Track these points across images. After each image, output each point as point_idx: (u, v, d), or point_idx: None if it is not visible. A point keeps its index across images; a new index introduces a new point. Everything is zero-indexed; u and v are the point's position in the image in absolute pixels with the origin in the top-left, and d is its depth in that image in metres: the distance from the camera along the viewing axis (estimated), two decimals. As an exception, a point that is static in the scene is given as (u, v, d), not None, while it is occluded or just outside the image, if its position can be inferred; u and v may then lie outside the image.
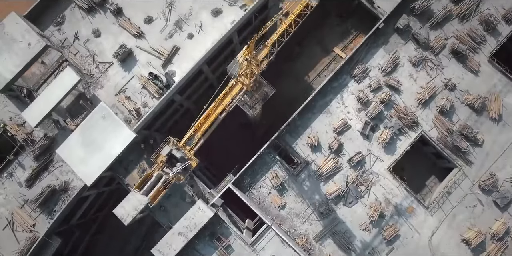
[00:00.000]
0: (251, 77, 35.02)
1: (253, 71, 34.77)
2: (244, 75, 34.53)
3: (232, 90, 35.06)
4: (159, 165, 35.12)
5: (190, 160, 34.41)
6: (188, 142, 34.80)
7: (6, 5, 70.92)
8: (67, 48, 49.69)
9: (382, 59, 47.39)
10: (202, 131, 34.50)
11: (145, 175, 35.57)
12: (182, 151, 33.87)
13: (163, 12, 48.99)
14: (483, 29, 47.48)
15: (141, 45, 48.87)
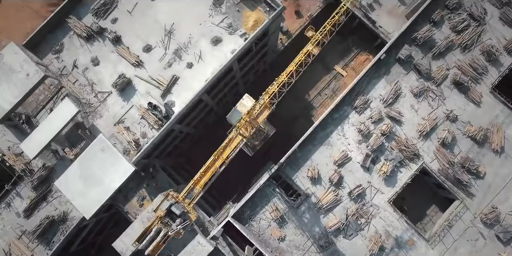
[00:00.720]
0: (251, 129, 34.43)
1: (254, 124, 34.17)
2: (244, 128, 33.92)
3: (232, 143, 34.48)
4: (158, 219, 34.51)
5: (189, 213, 33.84)
6: (187, 195, 34.25)
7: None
8: (65, 77, 49.19)
9: (384, 90, 46.79)
10: (202, 184, 33.96)
11: (144, 229, 35.01)
12: (182, 205, 33.34)
13: (162, 41, 48.39)
14: (485, 60, 46.86)
15: (140, 74, 48.30)
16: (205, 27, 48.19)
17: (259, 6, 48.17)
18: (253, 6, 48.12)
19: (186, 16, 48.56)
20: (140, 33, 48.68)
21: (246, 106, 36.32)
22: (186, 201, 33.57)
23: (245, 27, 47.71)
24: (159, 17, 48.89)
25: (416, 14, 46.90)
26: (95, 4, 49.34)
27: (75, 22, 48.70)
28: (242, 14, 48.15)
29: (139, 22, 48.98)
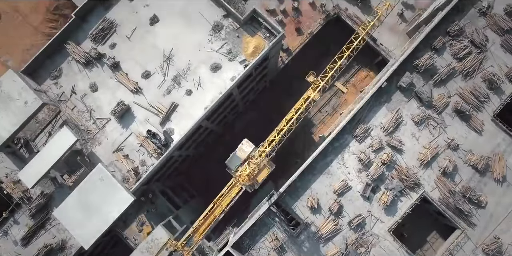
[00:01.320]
0: (250, 178, 33.87)
1: (254, 172, 33.65)
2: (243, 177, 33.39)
3: (231, 191, 33.97)
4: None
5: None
6: (187, 243, 33.80)
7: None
8: (64, 103, 48.75)
9: (384, 118, 46.23)
10: (201, 232, 33.50)
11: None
12: (181, 254, 32.92)
13: (161, 67, 47.86)
14: (487, 87, 46.27)
15: (139, 101, 47.81)
16: (205, 53, 47.69)
17: (259, 31, 47.59)
18: (253, 32, 47.55)
19: (185, 41, 48.01)
20: (138, 59, 48.13)
21: (246, 151, 35.91)
22: (185, 249, 33.15)
23: (245, 53, 47.14)
24: (158, 42, 48.35)
25: (417, 42, 46.11)
26: (94, 30, 48.81)
27: (73, 47, 48.15)
28: (242, 40, 47.58)
29: (138, 48, 48.44)
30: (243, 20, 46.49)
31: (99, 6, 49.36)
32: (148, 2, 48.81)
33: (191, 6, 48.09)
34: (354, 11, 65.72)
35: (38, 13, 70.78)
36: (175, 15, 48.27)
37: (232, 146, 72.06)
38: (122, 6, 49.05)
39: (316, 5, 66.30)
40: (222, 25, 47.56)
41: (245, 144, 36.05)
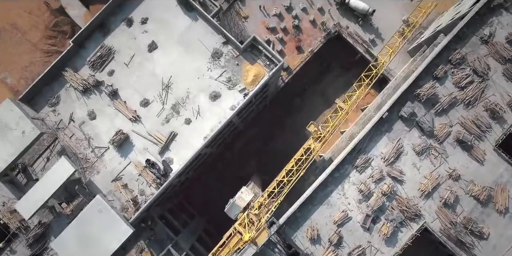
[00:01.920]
0: (249, 228, 33.31)
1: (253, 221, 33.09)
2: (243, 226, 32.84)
3: (230, 242, 33.41)
4: None
5: None
6: None
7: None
8: (62, 131, 48.15)
9: (385, 148, 45.60)
10: None
11: None
12: None
13: (159, 95, 47.22)
14: (489, 116, 45.58)
15: (137, 129, 47.21)
16: (204, 81, 47.04)
17: (259, 59, 46.86)
18: (253, 60, 46.86)
19: (184, 69, 47.37)
20: (137, 87, 47.50)
21: (245, 200, 35.26)
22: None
23: (245, 81, 46.47)
24: (157, 69, 47.69)
25: (419, 71, 45.38)
26: (92, 56, 48.13)
27: (71, 75, 47.52)
28: (242, 68, 46.91)
29: (136, 75, 47.81)
30: (242, 47, 45.74)
31: (97, 32, 48.60)
32: (146, 28, 48.12)
33: (190, 32, 47.41)
34: (355, 29, 65.03)
35: (37, 30, 70.15)
36: (173, 41, 47.56)
37: (231, 163, 71.85)
38: (120, 32, 48.36)
39: (317, 23, 65.59)
40: (222, 53, 46.85)
41: (244, 193, 35.41)
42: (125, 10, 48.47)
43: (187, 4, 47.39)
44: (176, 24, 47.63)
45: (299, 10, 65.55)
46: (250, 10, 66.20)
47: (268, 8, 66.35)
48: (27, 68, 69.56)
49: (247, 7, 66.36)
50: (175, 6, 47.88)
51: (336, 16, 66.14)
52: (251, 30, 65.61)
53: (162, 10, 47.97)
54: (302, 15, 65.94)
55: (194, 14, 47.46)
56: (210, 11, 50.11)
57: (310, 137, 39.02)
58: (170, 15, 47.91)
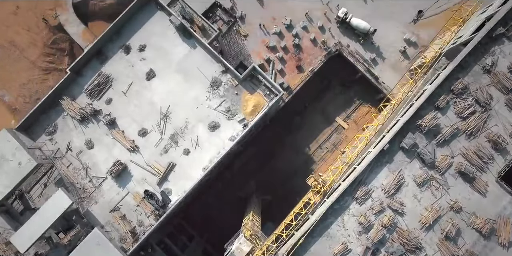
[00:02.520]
0: None
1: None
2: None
3: None
4: None
5: None
6: None
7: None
8: (59, 160, 47.41)
9: (386, 179, 44.85)
10: None
11: None
12: None
13: (158, 124, 46.47)
14: (491, 147, 44.74)
15: (135, 160, 46.49)
16: (202, 111, 46.25)
17: (258, 89, 46.01)
18: (253, 89, 46.05)
19: (183, 98, 46.59)
20: (135, 116, 46.74)
21: (244, 251, 34.50)
22: None
23: (244, 111, 45.66)
24: (155, 98, 46.92)
25: (420, 102, 44.54)
26: (89, 85, 47.33)
27: (68, 104, 46.78)
28: (241, 97, 46.10)
29: (134, 104, 47.03)
30: (242, 77, 44.93)
31: (94, 59, 47.78)
32: (144, 55, 47.28)
33: (188, 60, 46.58)
34: (356, 48, 64.15)
35: (35, 47, 69.30)
36: (172, 70, 46.75)
37: (231, 183, 71.07)
38: (118, 60, 47.55)
39: (318, 42, 64.69)
40: (221, 81, 46.03)
41: (243, 244, 34.69)
42: (122, 37, 47.61)
43: (185, 31, 46.49)
44: (174, 51, 46.75)
45: (300, 29, 64.64)
46: (250, 28, 65.31)
47: (268, 26, 65.46)
48: (25, 86, 68.81)
49: (247, 25, 65.47)
50: (173, 33, 47.02)
51: (337, 34, 65.26)
52: (251, 49, 64.86)
53: (160, 37, 47.08)
54: (303, 33, 65.03)
55: (192, 41, 46.59)
56: (209, 35, 49.27)
57: (310, 190, 37.88)
58: (168, 42, 47.03)
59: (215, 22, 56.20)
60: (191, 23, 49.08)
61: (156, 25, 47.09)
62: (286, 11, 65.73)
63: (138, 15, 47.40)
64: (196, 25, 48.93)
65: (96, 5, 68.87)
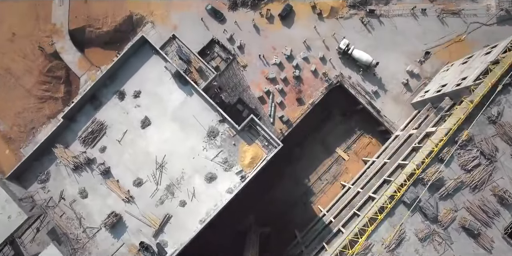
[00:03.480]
0: None
1: None
2: None
3: None
4: None
5: None
6: None
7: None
8: (52, 209, 45.79)
9: (386, 233, 43.29)
10: None
11: None
12: None
13: (153, 174, 44.74)
14: (497, 201, 43.08)
15: (130, 210, 44.87)
16: (199, 161, 44.44)
17: (256, 139, 44.19)
18: (251, 140, 44.20)
19: (179, 148, 44.77)
20: (130, 165, 45.01)
21: None
22: None
23: (242, 163, 43.90)
24: (150, 147, 45.13)
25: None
26: (83, 132, 45.53)
27: (61, 152, 45.01)
28: (239, 148, 44.29)
29: (129, 152, 45.26)
30: (240, 128, 43.10)
31: (88, 105, 45.99)
32: (139, 102, 45.43)
33: (184, 108, 44.73)
34: (358, 80, 62.33)
35: (31, 75, 67.44)
36: (167, 118, 44.90)
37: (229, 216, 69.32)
38: (112, 106, 45.72)
39: (318, 73, 62.83)
40: (218, 131, 44.22)
41: None
42: (117, 82, 45.74)
43: (181, 77, 44.55)
44: (170, 98, 44.93)
45: (300, 59, 62.76)
46: (249, 58, 63.46)
47: (268, 57, 63.60)
48: (20, 115, 67.02)
49: (246, 55, 63.61)
50: (169, 79, 45.08)
51: (338, 65, 63.42)
52: (250, 80, 63.08)
53: (156, 83, 45.20)
54: (303, 64, 63.16)
55: (188, 88, 44.70)
56: (206, 77, 47.42)
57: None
58: (164, 88, 45.16)
59: (213, 59, 54.27)
60: (188, 63, 47.18)
61: (151, 70, 45.20)
62: (286, 41, 63.80)
63: (133, 59, 45.51)
64: (193, 66, 47.02)
65: (92, 32, 66.81)
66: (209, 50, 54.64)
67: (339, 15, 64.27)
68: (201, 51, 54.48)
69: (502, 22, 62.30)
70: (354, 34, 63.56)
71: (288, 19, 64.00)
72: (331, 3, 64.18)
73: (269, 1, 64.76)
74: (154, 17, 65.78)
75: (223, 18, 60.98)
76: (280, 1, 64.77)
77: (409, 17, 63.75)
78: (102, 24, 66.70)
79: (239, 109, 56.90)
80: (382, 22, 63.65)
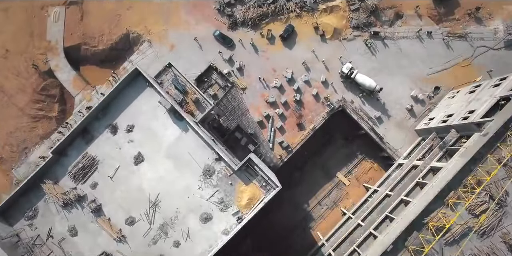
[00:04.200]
0: None
1: None
2: None
3: None
4: None
5: None
6: None
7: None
8: (39, 247, 43.34)
9: (389, 282, 40.85)
10: None
11: None
12: None
13: (146, 213, 42.35)
14: (507, 249, 40.59)
15: (122, 250, 42.54)
16: (194, 201, 41.99)
17: (254, 179, 41.68)
18: (248, 180, 41.71)
19: (173, 186, 42.33)
20: (122, 203, 42.55)
21: None
22: None
23: (238, 204, 41.44)
24: (143, 185, 42.69)
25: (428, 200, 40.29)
26: (73, 167, 43.02)
27: (50, 188, 42.53)
28: (235, 188, 41.80)
29: (121, 190, 42.83)
30: (237, 168, 40.59)
31: (79, 138, 43.43)
32: (132, 137, 42.88)
33: (179, 145, 42.24)
34: (360, 104, 59.72)
35: (24, 93, 64.82)
36: (161, 154, 42.40)
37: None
38: (105, 140, 43.19)
39: (320, 97, 60.19)
40: (214, 170, 41.71)
41: None
42: (109, 115, 43.21)
43: (176, 111, 41.97)
44: (165, 134, 42.43)
45: (301, 83, 60.14)
46: (249, 81, 60.86)
47: (268, 79, 60.97)
48: (13, 134, 64.44)
49: (245, 77, 60.95)
50: (163, 113, 42.48)
51: (340, 89, 60.86)
52: (249, 103, 60.51)
53: (150, 118, 42.67)
54: (305, 87, 60.57)
55: (184, 123, 42.07)
56: (203, 108, 44.89)
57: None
58: (158, 123, 42.62)
59: (210, 86, 51.59)
60: (185, 94, 44.60)
61: (145, 103, 42.67)
62: (287, 63, 61.18)
63: (126, 91, 42.96)
64: (189, 97, 44.44)
65: (88, 50, 64.12)
66: (207, 77, 51.93)
67: (343, 36, 61.48)
68: (198, 78, 51.74)
69: (510, 46, 59.62)
70: (357, 56, 60.86)
71: (290, 40, 61.24)
72: (334, 24, 61.35)
73: (270, 21, 61.88)
74: (151, 36, 62.97)
75: (232, 44, 58.13)
76: (281, 21, 61.88)
77: (415, 40, 61.03)
78: (98, 42, 63.98)
79: (237, 137, 54.27)
80: (386, 44, 60.86)
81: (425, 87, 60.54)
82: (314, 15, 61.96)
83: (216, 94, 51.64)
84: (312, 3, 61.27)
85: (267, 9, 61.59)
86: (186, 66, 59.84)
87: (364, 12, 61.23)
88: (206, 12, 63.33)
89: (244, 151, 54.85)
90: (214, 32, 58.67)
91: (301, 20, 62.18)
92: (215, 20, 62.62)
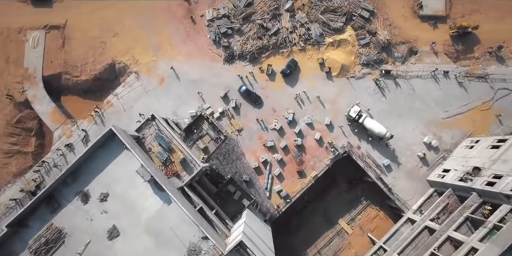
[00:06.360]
0: None
1: None
2: None
3: None
4: None
5: None
6: None
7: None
8: None
9: None
10: None
11: None
12: None
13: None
14: None
15: None
16: (177, 287, 34.59)
17: (247, 262, 34.34)
18: (240, 264, 34.31)
19: (152, 267, 34.83)
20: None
21: None
22: None
23: (230, 293, 34.10)
24: (118, 265, 35.16)
25: None
26: (34, 241, 35.52)
27: (6, 268, 34.97)
28: (227, 276, 34.44)
29: (92, 269, 35.29)
30: (227, 251, 33.25)
31: (43, 206, 35.93)
32: (106, 207, 35.43)
33: (160, 219, 34.80)
34: (368, 150, 52.56)
35: (-3, 125, 57.15)
36: (140, 229, 35.03)
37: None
38: (74, 210, 35.79)
39: (324, 141, 52.84)
40: (201, 250, 34.39)
41: None
42: (80, 180, 35.74)
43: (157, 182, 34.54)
44: (144, 205, 35.05)
45: (304, 125, 52.83)
46: (245, 121, 53.55)
47: (266, 120, 53.59)
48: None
49: (242, 117, 53.58)
50: (142, 182, 35.00)
51: (347, 132, 53.60)
52: (245, 145, 53.30)
53: (127, 186, 35.25)
54: (307, 130, 53.36)
55: (166, 195, 34.65)
56: (190, 170, 37.53)
57: None
58: (137, 192, 35.25)
59: (200, 138, 43.99)
60: (169, 152, 37.19)
61: (122, 168, 35.21)
62: (288, 102, 53.84)
63: (101, 153, 35.34)
64: (175, 156, 37.04)
65: (69, 80, 56.58)
66: (196, 127, 44.31)
67: (351, 74, 54.16)
68: (186, 129, 44.13)
69: (535, 89, 52.44)
70: (366, 96, 53.52)
71: (292, 77, 53.80)
72: (341, 60, 53.86)
73: (271, 55, 54.38)
74: (139, 67, 55.38)
75: (260, 102, 51.25)
76: (283, 55, 54.37)
77: (429, 79, 53.75)
78: (81, 72, 56.35)
79: (230, 190, 46.99)
80: (398, 84, 53.54)
81: (439, 132, 53.25)
82: (320, 49, 54.47)
83: (207, 147, 44.13)
84: (318, 35, 53.64)
85: (268, 41, 54.01)
86: (176, 102, 52.79)
87: (375, 47, 53.72)
88: (200, 42, 55.82)
89: (238, 206, 47.93)
90: (240, 88, 51.21)
91: (305, 54, 54.69)
92: (210, 51, 55.11)
